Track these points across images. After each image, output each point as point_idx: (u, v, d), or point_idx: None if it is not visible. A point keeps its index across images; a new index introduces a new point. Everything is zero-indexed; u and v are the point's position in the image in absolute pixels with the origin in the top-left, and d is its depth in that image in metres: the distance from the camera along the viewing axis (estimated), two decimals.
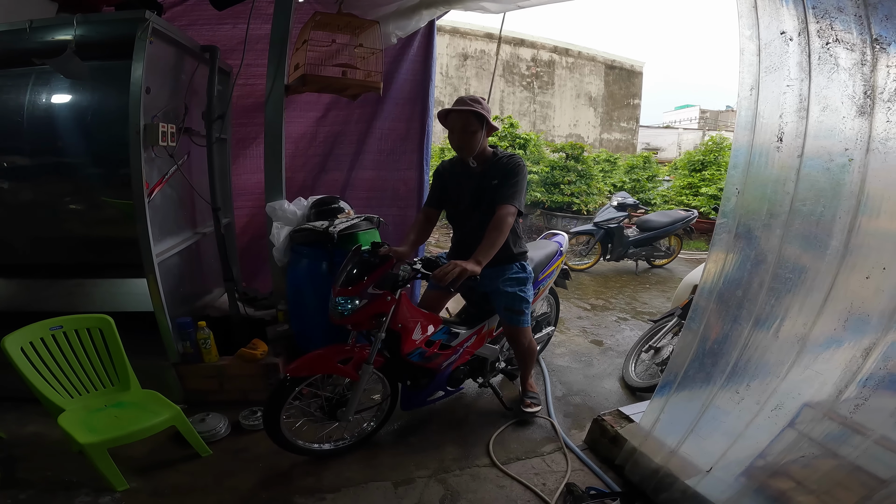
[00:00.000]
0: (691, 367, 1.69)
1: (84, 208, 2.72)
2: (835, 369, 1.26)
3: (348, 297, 1.77)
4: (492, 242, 1.90)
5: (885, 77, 1.25)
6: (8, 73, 2.37)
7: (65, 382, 1.89)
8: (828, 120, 1.38)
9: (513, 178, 1.98)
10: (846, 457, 1.27)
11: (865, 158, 1.29)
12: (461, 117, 1.94)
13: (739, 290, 1.57)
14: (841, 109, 1.34)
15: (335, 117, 3.24)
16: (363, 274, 1.79)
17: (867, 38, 1.27)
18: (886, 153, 1.25)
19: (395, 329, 1.88)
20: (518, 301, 2.13)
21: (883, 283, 1.19)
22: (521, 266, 2.17)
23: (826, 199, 1.36)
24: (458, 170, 2.14)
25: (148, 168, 2.12)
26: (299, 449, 1.94)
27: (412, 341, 1.93)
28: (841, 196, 1.32)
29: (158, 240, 2.23)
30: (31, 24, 2.04)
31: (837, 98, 1.35)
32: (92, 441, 1.67)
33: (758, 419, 1.44)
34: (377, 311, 1.80)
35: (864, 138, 1.29)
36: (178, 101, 2.38)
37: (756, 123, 1.57)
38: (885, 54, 1.25)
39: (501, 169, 2.01)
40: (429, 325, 2.00)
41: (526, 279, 2.17)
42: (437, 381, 2.09)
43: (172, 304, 2.30)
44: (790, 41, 1.45)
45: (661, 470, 1.73)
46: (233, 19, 2.92)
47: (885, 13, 1.23)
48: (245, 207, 3.30)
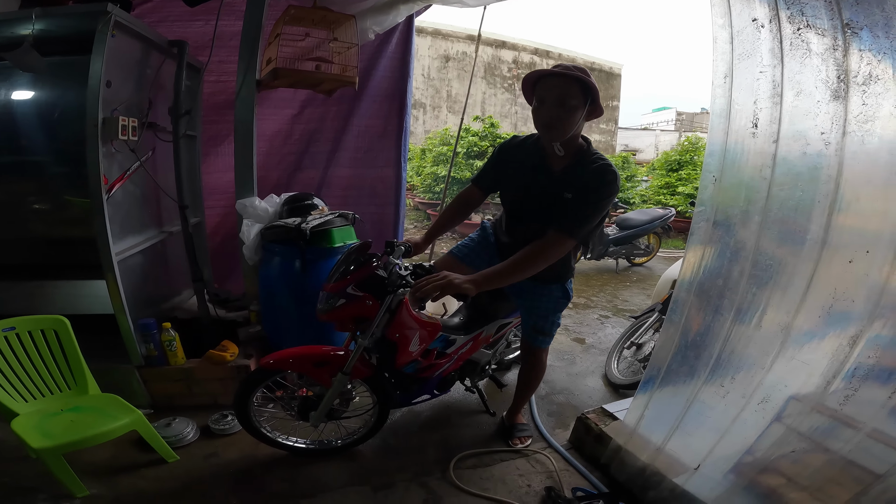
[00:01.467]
0: (674, 361, 1.65)
1: (45, 207, 2.61)
2: (821, 359, 1.23)
3: (329, 294, 1.68)
4: (517, 268, 1.54)
5: (859, 61, 1.24)
6: None
7: (18, 386, 1.78)
8: (802, 104, 1.36)
9: (594, 200, 1.53)
10: (837, 451, 1.23)
11: (842, 141, 1.27)
12: (560, 85, 1.47)
13: (720, 279, 1.54)
14: (815, 94, 1.33)
15: (311, 115, 3.17)
16: (351, 272, 1.69)
17: (838, 23, 1.27)
18: (864, 135, 1.24)
19: (392, 339, 1.74)
20: (550, 325, 1.93)
21: (867, 267, 1.17)
22: (564, 290, 1.89)
23: (804, 182, 1.34)
24: (530, 155, 1.69)
25: (107, 163, 2.03)
26: (269, 440, 1.90)
27: (408, 353, 1.79)
28: (819, 180, 1.30)
29: (119, 238, 2.13)
30: None
31: (811, 83, 1.33)
32: (46, 446, 1.58)
33: (744, 413, 1.41)
34: (356, 313, 1.67)
35: (840, 121, 1.28)
36: (142, 95, 2.29)
37: (731, 110, 1.56)
38: (857, 38, 1.24)
39: (585, 180, 1.55)
40: (427, 335, 1.84)
41: (565, 304, 1.92)
42: (426, 387, 2.01)
43: (135, 305, 2.19)
44: (762, 28, 1.44)
45: (647, 468, 1.69)
46: (205, 16, 2.83)
47: None
48: (217, 207, 3.20)
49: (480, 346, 2.14)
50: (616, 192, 1.58)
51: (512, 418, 2.18)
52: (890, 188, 1.21)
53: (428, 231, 1.96)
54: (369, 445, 2.03)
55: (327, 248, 2.32)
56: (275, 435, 1.93)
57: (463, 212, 1.96)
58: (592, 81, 1.49)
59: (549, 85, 1.50)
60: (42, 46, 1.90)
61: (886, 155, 1.22)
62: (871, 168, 1.24)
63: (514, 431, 2.11)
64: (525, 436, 2.11)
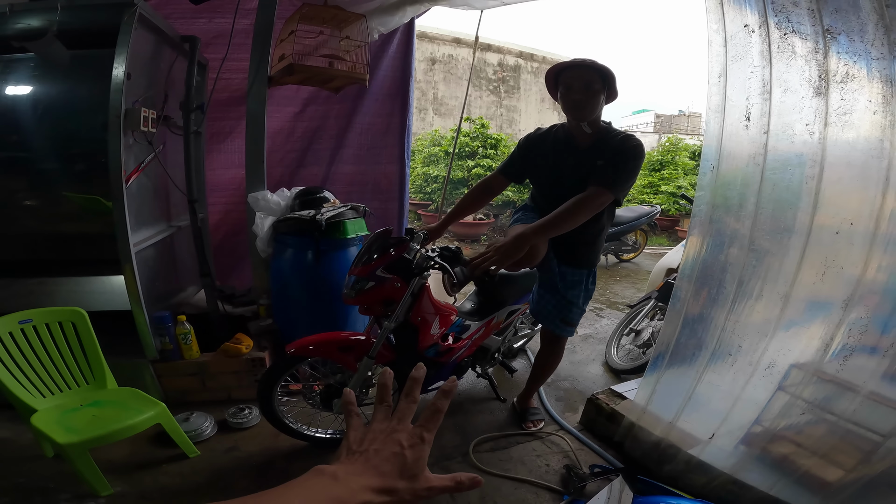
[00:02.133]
0: (682, 337, 1.77)
1: (46, 204, 2.58)
2: (819, 323, 1.37)
3: (357, 278, 1.74)
4: (561, 219, 1.59)
5: (837, 62, 1.40)
6: None
7: (36, 381, 1.75)
8: (789, 100, 1.52)
9: (622, 161, 1.67)
10: (841, 414, 1.36)
11: (825, 131, 1.43)
12: (582, 74, 1.68)
13: (722, 255, 1.69)
14: (800, 91, 1.49)
15: (313, 112, 3.21)
16: (378, 256, 1.76)
17: (819, 29, 1.43)
18: (843, 126, 1.40)
19: (415, 322, 1.83)
20: (576, 314, 1.97)
21: (852, 237, 1.33)
22: (593, 276, 1.96)
23: (792, 167, 1.49)
24: (557, 140, 1.84)
25: (126, 155, 2.04)
26: (292, 431, 1.91)
27: (430, 336, 1.87)
28: (805, 164, 1.45)
29: (134, 230, 2.14)
30: (11, 8, 1.96)
31: (796, 81, 1.49)
32: (72, 441, 1.55)
33: (753, 380, 1.53)
34: (385, 296, 1.74)
35: (822, 114, 1.44)
36: (158, 89, 2.31)
37: (726, 106, 1.70)
38: (836, 42, 1.41)
39: (613, 148, 1.70)
40: (446, 318, 1.95)
41: (592, 292, 1.98)
42: (442, 372, 2.08)
43: (149, 298, 2.19)
44: (752, 33, 1.60)
45: (662, 442, 1.79)
46: (209, 13, 2.87)
47: (834, 6, 1.39)
48: (218, 204, 3.21)
49: (492, 332, 2.23)
50: (642, 157, 1.72)
51: (524, 403, 2.26)
52: (867, 169, 1.37)
53: (445, 217, 2.03)
54: None
55: (341, 240, 2.38)
56: (297, 426, 1.96)
57: (483, 198, 2.04)
58: (609, 69, 1.68)
59: (573, 74, 1.69)
60: (61, 39, 1.91)
61: (863, 142, 1.38)
62: (850, 153, 1.41)
63: (526, 415, 2.21)
64: (538, 419, 2.20)
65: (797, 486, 1.49)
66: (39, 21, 1.97)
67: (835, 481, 1.41)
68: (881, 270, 1.30)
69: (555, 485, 1.80)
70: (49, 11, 1.92)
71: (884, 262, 1.30)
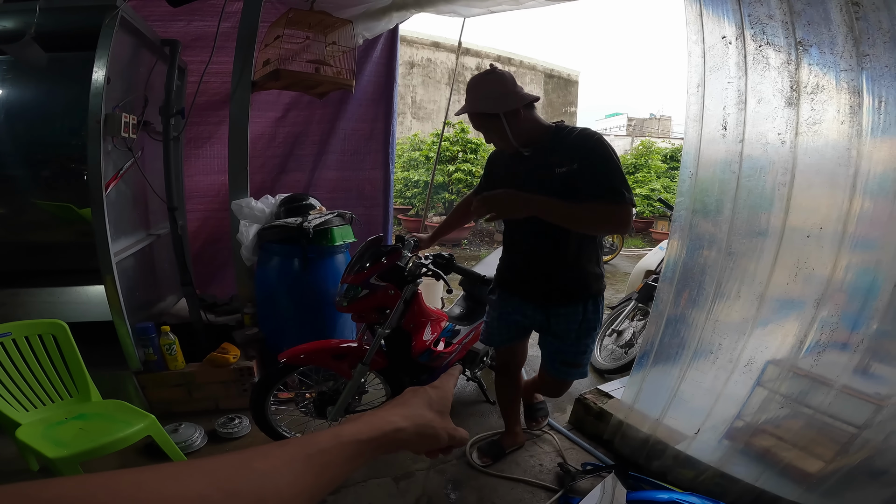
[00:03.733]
0: (665, 337, 1.84)
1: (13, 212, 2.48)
2: (792, 322, 1.46)
3: (350, 286, 1.75)
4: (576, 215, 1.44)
5: (808, 74, 1.49)
6: None
7: (17, 394, 1.69)
8: (763, 110, 1.61)
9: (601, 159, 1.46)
10: (817, 408, 1.44)
11: (795, 140, 1.53)
12: (474, 120, 1.58)
13: (701, 258, 1.77)
14: (773, 101, 1.58)
15: (296, 117, 3.19)
16: (371, 264, 1.77)
17: (792, 41, 1.51)
18: (812, 135, 1.49)
19: (407, 328, 1.85)
20: (580, 355, 1.72)
21: (822, 240, 1.42)
22: (595, 305, 1.68)
23: (766, 174, 1.58)
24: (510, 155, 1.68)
25: (104, 162, 1.99)
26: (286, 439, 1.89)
27: (423, 342, 1.90)
28: (778, 171, 1.54)
29: (114, 239, 2.08)
30: None
31: (770, 92, 1.58)
32: (63, 455, 1.51)
33: (734, 376, 1.61)
34: (379, 303, 1.76)
35: (794, 124, 1.53)
36: (137, 93, 2.25)
37: (703, 115, 1.79)
38: (808, 54, 1.49)
39: (576, 148, 1.49)
40: (438, 324, 1.98)
41: (598, 323, 1.71)
42: (434, 376, 2.10)
43: (130, 309, 2.14)
44: (730, 44, 1.68)
45: (650, 439, 1.85)
46: (187, 16, 2.82)
47: (807, 19, 1.47)
48: (198, 210, 3.14)
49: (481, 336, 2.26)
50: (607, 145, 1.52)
51: (530, 396, 2.16)
52: (835, 176, 1.47)
53: (435, 231, 2.04)
54: None
55: (328, 247, 2.37)
56: (292, 434, 1.96)
57: (466, 215, 2.00)
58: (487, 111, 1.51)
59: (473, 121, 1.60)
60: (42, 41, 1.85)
61: (831, 150, 1.47)
62: (820, 161, 1.50)
63: (533, 411, 2.15)
64: (543, 415, 2.17)
65: (781, 477, 1.57)
66: (16, 23, 1.90)
67: (815, 472, 1.50)
68: (849, 270, 1.40)
69: (549, 483, 1.84)
70: (27, 13, 1.86)
71: (851, 263, 1.39)
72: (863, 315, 1.36)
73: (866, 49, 1.37)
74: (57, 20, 1.93)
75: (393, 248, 1.82)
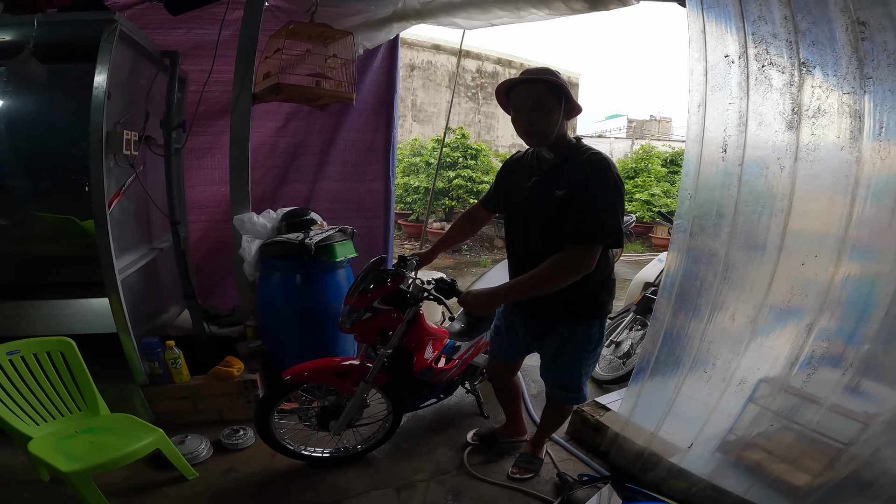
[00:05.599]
0: (661, 353, 1.87)
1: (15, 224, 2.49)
2: (785, 344, 1.49)
3: (354, 308, 1.78)
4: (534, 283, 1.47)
5: (810, 96, 1.48)
6: None
7: (28, 409, 1.74)
8: (763, 133, 1.61)
9: (592, 191, 1.43)
10: (806, 424, 1.47)
11: (794, 166, 1.53)
12: (530, 90, 1.46)
13: (697, 281, 1.79)
14: (773, 124, 1.58)
15: (296, 128, 3.19)
16: (374, 287, 1.79)
17: (796, 61, 1.50)
18: (812, 161, 1.50)
19: (408, 348, 1.89)
20: (578, 378, 1.69)
21: (816, 268, 1.44)
22: (592, 328, 1.66)
23: (764, 200, 1.59)
24: (528, 165, 1.63)
25: (107, 179, 1.99)
26: (289, 451, 1.95)
27: (424, 360, 1.95)
28: (776, 197, 1.56)
29: (118, 255, 2.09)
30: None
31: (771, 114, 1.58)
32: (76, 469, 1.56)
33: (726, 395, 1.64)
34: (382, 326, 1.79)
35: (793, 149, 1.53)
36: (139, 107, 2.26)
37: (704, 136, 1.79)
38: (811, 76, 1.48)
39: (576, 172, 1.46)
40: (439, 342, 2.02)
41: (595, 346, 1.69)
42: (434, 390, 2.12)
43: (135, 323, 2.16)
44: (732, 63, 1.67)
45: (645, 451, 1.89)
46: (187, 24, 2.81)
47: (812, 39, 1.45)
48: (199, 221, 3.15)
49: (481, 351, 2.29)
50: (612, 178, 1.45)
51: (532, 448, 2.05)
52: (833, 205, 1.47)
53: (435, 244, 2.05)
54: (382, 450, 2.12)
55: (329, 263, 2.39)
56: (295, 446, 1.98)
57: (470, 228, 2.00)
58: (561, 81, 1.47)
59: (521, 93, 1.49)
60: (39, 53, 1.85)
61: (830, 178, 1.48)
62: (818, 188, 1.51)
63: (520, 460, 2.01)
64: (527, 468, 1.96)
65: (770, 490, 1.60)
66: (15, 35, 1.89)
67: (803, 485, 1.53)
68: (842, 297, 1.42)
69: (546, 494, 1.88)
70: (26, 25, 1.85)
71: (844, 290, 1.41)
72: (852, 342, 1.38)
73: (870, 71, 1.35)
74: (55, 33, 1.93)
75: (395, 272, 1.84)
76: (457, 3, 2.32)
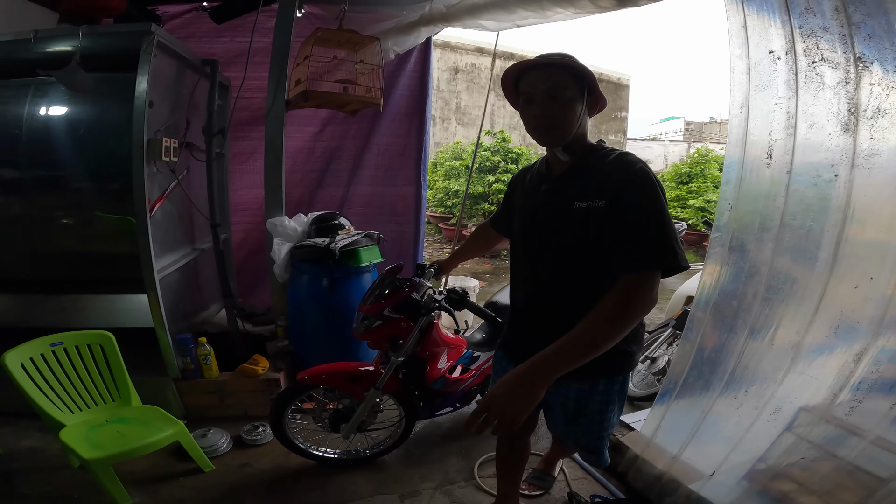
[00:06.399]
0: (690, 376, 1.73)
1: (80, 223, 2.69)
2: (829, 374, 1.32)
3: (366, 315, 1.79)
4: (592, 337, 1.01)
5: (868, 95, 1.31)
6: (8, 84, 2.35)
7: (65, 398, 1.87)
8: (814, 137, 1.44)
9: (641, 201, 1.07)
10: (844, 458, 1.32)
11: (851, 174, 1.35)
12: (548, 76, 1.13)
13: (734, 300, 1.63)
14: (827, 127, 1.41)
15: (332, 132, 3.26)
16: (385, 295, 1.80)
17: (851, 56, 1.33)
18: (871, 168, 1.32)
19: (422, 356, 1.88)
20: (599, 441, 1.35)
21: (870, 292, 1.26)
22: (623, 380, 1.31)
23: (814, 213, 1.42)
24: (532, 174, 1.36)
25: (149, 183, 2.12)
26: (302, 451, 1.98)
27: (437, 370, 1.93)
28: (828, 210, 1.38)
29: (159, 256, 2.23)
30: (36, 35, 2.04)
31: (823, 115, 1.41)
32: (96, 457, 1.66)
33: (757, 423, 1.50)
34: (391, 333, 1.80)
35: (849, 154, 1.36)
36: (180, 115, 2.40)
37: (747, 140, 1.63)
38: (868, 72, 1.31)
39: (606, 179, 1.12)
40: (455, 352, 2.00)
41: (622, 401, 1.34)
42: (449, 400, 2.09)
43: (172, 320, 2.29)
44: (778, 60, 1.51)
45: (664, 476, 1.77)
46: (231, 32, 2.95)
47: (867, 32, 1.28)
48: (242, 223, 3.30)
49: None
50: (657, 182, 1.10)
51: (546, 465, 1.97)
52: (893, 219, 1.29)
53: (454, 253, 1.99)
54: (394, 455, 2.11)
55: (354, 268, 2.42)
56: (307, 446, 2.02)
57: (485, 245, 1.80)
58: (585, 67, 1.15)
59: (534, 79, 1.16)
60: (83, 63, 1.99)
61: (891, 188, 1.30)
62: (877, 200, 1.33)
63: (531, 476, 1.92)
64: (537, 485, 1.89)
65: None
66: (63, 46, 2.03)
67: None
68: None
69: None
70: (72, 37, 1.99)
71: None
72: None
73: None
74: (100, 43, 2.06)
75: (408, 281, 1.83)
76: (481, 5, 2.28)
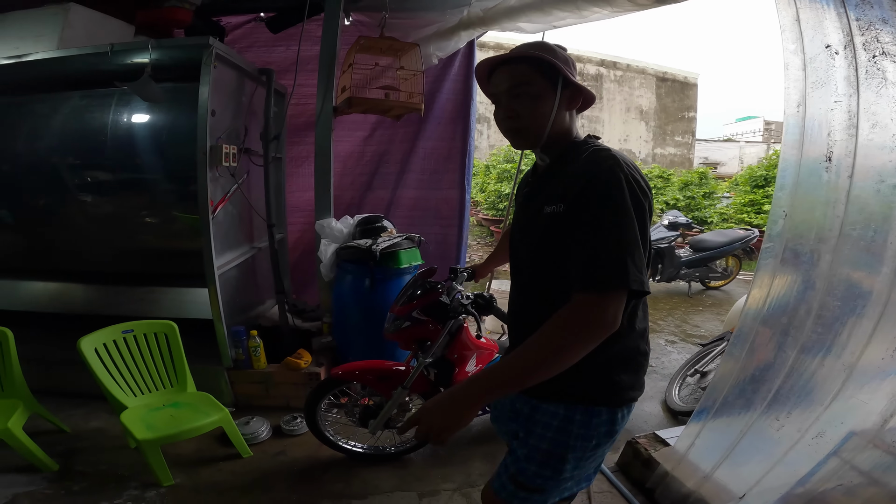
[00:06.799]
0: (731, 393, 1.63)
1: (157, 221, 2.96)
2: (881, 399, 1.19)
3: (396, 317, 1.85)
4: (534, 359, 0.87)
5: None
6: (93, 94, 2.64)
7: (130, 382, 2.06)
8: (878, 138, 1.31)
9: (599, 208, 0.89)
10: (888, 484, 1.20)
11: None
12: (509, 74, 1.01)
13: (785, 316, 1.50)
14: (891, 126, 1.28)
15: (381, 136, 3.38)
16: (417, 296, 1.85)
17: None
18: None
19: (451, 358, 1.91)
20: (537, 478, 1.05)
21: None
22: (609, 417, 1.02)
23: (877, 222, 1.28)
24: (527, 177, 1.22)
25: (212, 187, 2.30)
26: (331, 443, 2.08)
27: (465, 373, 1.95)
28: (892, 219, 1.24)
29: (220, 253, 2.42)
30: (113, 48, 2.26)
31: (887, 114, 1.28)
32: (148, 437, 1.81)
33: (798, 446, 1.38)
34: (419, 335, 1.84)
35: None
36: (239, 122, 2.58)
37: (804, 141, 1.51)
38: None
39: (572, 181, 0.95)
40: (486, 356, 2.01)
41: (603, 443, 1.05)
42: None
43: (229, 313, 2.48)
44: (836, 55, 1.39)
45: (692, 495, 1.68)
46: (286, 41, 3.15)
47: None
48: (297, 223, 3.49)
49: None
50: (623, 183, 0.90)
51: None
52: None
53: (488, 258, 1.93)
54: (419, 454, 2.15)
55: (395, 269, 2.50)
56: (336, 439, 2.11)
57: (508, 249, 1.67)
58: (552, 59, 0.98)
59: (497, 78, 1.04)
60: (154, 74, 2.19)
61: None
62: None
63: None
64: None
65: None
66: (136, 59, 2.25)
67: None
68: None
69: None
70: (143, 50, 2.20)
71: None
72: None
73: None
74: (167, 55, 2.25)
75: (439, 284, 1.86)
76: (517, 8, 2.27)
